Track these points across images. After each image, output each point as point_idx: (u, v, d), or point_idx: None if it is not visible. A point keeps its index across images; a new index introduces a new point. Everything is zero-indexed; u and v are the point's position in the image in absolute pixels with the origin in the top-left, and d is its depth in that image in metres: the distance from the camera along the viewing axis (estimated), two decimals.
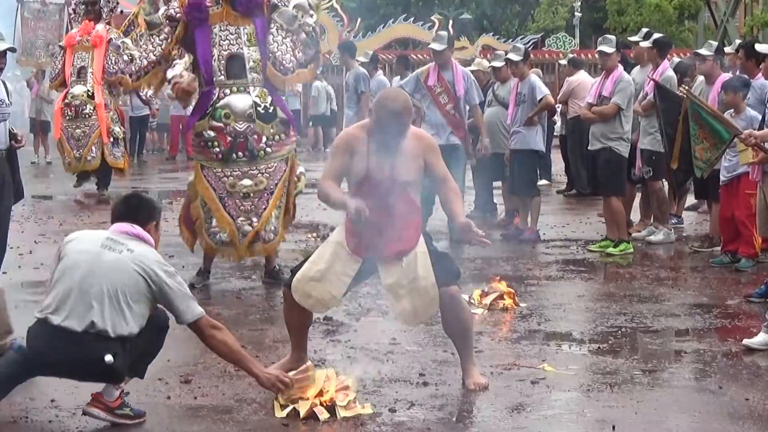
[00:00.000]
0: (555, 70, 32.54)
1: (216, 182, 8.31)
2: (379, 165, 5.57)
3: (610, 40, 10.42)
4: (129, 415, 5.13)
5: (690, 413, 5.30)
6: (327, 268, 5.60)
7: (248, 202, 8.30)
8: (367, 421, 5.13)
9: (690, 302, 7.96)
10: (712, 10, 40.38)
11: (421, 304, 5.57)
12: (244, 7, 8.32)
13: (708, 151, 9.64)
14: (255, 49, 8.36)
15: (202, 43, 8.34)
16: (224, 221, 8.30)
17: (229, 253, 8.51)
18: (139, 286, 5.02)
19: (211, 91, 8.33)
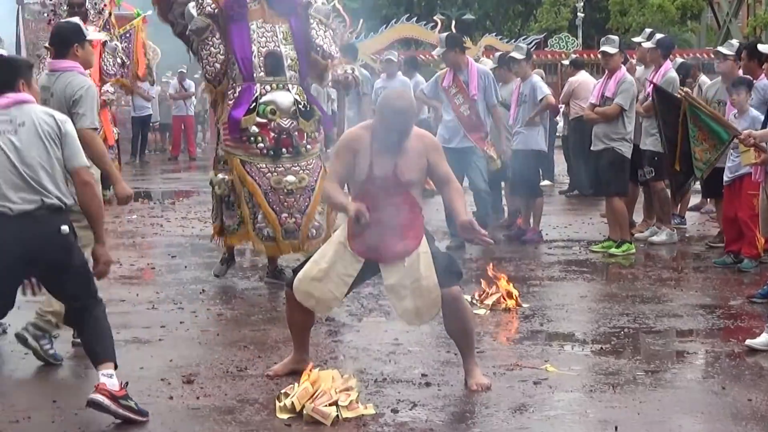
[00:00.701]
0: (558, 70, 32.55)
1: (260, 178, 8.37)
2: (382, 164, 5.56)
3: (613, 41, 10.41)
4: (133, 408, 5.13)
5: (693, 414, 5.30)
6: (329, 267, 5.60)
7: (291, 198, 8.38)
8: (370, 422, 5.13)
9: (693, 303, 7.96)
10: (715, 10, 40.38)
11: (423, 304, 5.56)
12: (280, 5, 8.52)
13: (708, 152, 9.65)
14: (291, 47, 8.52)
15: (240, 38, 8.45)
16: (270, 216, 8.37)
17: (272, 249, 8.54)
18: (53, 148, 5.20)
19: (251, 87, 8.40)
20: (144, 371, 6.02)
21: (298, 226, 8.40)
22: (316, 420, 5.07)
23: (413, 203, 5.66)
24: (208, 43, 8.48)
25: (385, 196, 5.55)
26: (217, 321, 7.38)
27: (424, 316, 5.67)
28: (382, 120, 5.58)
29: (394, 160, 5.56)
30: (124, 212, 13.50)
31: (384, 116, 5.57)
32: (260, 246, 8.52)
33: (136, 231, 11.77)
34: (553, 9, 44.84)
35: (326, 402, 5.15)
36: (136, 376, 5.91)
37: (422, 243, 5.62)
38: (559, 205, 14.42)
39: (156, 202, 15.26)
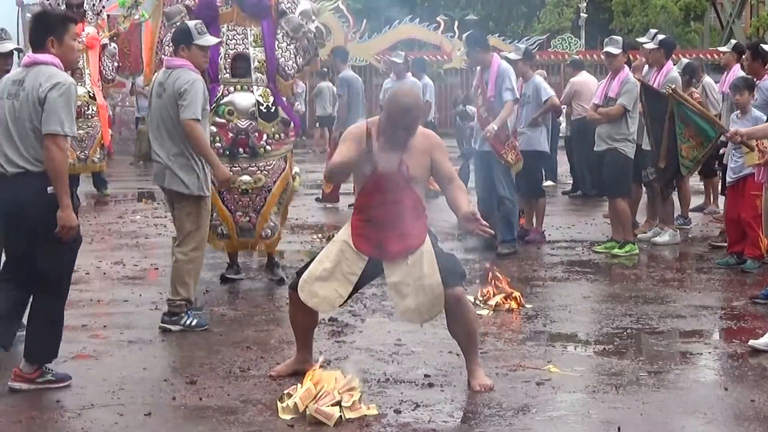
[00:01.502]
0: (561, 71, 32.53)
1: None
2: (388, 160, 5.57)
3: (617, 41, 10.41)
4: (51, 380, 5.57)
5: (695, 415, 5.29)
6: (333, 267, 5.61)
7: (246, 198, 8.53)
8: (372, 422, 5.13)
9: (696, 303, 7.95)
10: (718, 11, 40.36)
11: (426, 303, 5.55)
12: (252, 8, 8.61)
13: (694, 150, 9.66)
14: (260, 50, 8.63)
15: None
16: (223, 214, 8.54)
17: (226, 246, 8.74)
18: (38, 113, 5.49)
19: (215, 88, 8.51)
20: (147, 372, 6.02)
21: (252, 225, 8.59)
22: (318, 420, 5.07)
23: (417, 201, 5.67)
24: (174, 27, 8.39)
25: (390, 193, 5.56)
26: (220, 321, 7.38)
27: (425, 315, 5.64)
28: (389, 116, 5.59)
29: (400, 157, 5.58)
30: (127, 213, 13.52)
31: (390, 113, 5.59)
32: (215, 243, 8.66)
33: (139, 231, 11.77)
34: (556, 10, 44.80)
35: (329, 402, 5.15)
36: (139, 376, 5.93)
37: (426, 241, 5.63)
38: (562, 206, 14.41)
39: (159, 203, 15.24)
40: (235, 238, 8.63)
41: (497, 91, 10.20)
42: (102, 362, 6.22)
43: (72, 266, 5.83)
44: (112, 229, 12.00)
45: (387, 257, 5.61)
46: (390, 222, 5.57)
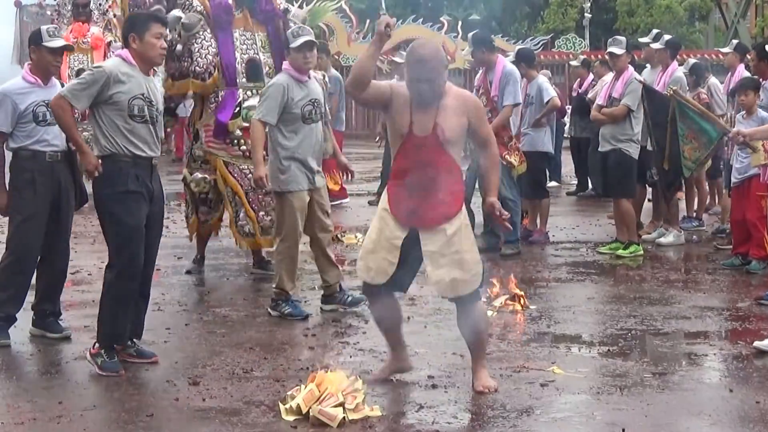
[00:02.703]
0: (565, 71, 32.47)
1: (242, 179, 8.79)
2: (422, 123, 5.45)
3: (620, 42, 10.38)
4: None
5: (700, 416, 5.27)
6: (377, 237, 5.57)
7: (269, 198, 8.65)
8: (376, 424, 5.11)
9: (700, 304, 7.93)
10: (723, 11, 40.30)
11: (462, 278, 5.48)
12: (262, 15, 8.97)
13: (697, 151, 9.63)
14: (269, 55, 8.96)
15: (225, 45, 8.83)
16: (251, 214, 8.81)
17: (250, 244, 9.03)
18: None
19: (234, 93, 8.80)
20: (149, 373, 6.02)
21: (273, 223, 8.65)
22: (322, 422, 5.05)
23: (454, 165, 5.54)
24: (199, 36, 8.77)
25: (425, 156, 5.44)
26: (223, 322, 7.37)
27: (460, 291, 5.54)
28: (409, 71, 5.48)
29: (434, 119, 5.45)
30: None
31: (410, 66, 5.48)
32: (242, 242, 9.01)
33: None
34: (560, 10, 44.78)
35: (332, 404, 5.13)
36: (142, 377, 5.92)
37: (463, 212, 5.55)
38: (566, 207, 14.38)
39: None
40: (258, 237, 8.88)
41: (500, 92, 10.16)
42: None
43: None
44: None
45: (423, 224, 5.50)
46: (425, 187, 5.45)
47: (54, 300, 6.87)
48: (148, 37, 6.02)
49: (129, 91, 5.98)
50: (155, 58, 6.13)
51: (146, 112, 6.05)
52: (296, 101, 7.38)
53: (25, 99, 6.61)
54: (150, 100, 6.08)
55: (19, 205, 6.66)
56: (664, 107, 9.70)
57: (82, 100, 5.96)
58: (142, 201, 6.05)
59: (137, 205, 6.03)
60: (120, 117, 5.97)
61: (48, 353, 6.51)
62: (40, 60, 6.67)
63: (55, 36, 6.75)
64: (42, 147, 6.59)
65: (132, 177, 6.00)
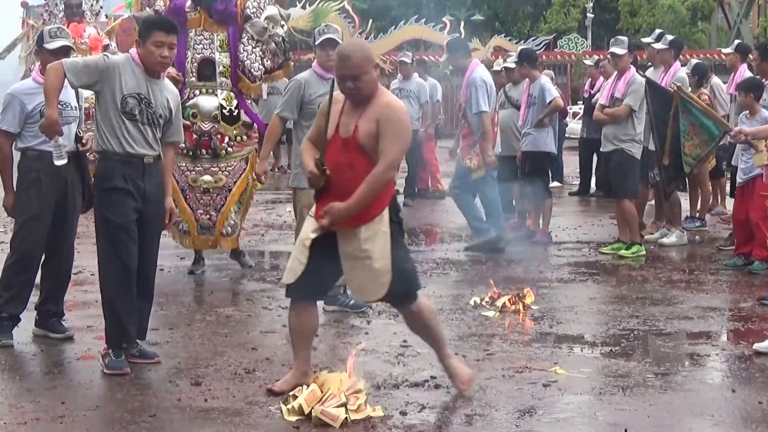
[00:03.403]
0: (567, 71, 32.49)
1: (180, 176, 8.99)
2: (346, 125, 5.39)
3: (622, 42, 10.38)
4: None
5: (703, 417, 5.27)
6: (302, 235, 5.47)
7: (207, 197, 9.06)
8: (378, 424, 5.11)
9: (703, 305, 7.92)
10: (726, 11, 40.32)
11: (370, 285, 5.38)
12: (219, 15, 9.03)
13: (698, 148, 9.63)
14: (226, 55, 9.08)
15: (178, 45, 8.76)
16: (185, 212, 9.03)
17: (187, 242, 9.27)
18: None
19: (182, 91, 8.86)
20: (152, 373, 6.01)
21: (213, 222, 9.10)
22: (324, 422, 5.05)
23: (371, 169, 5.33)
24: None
25: (346, 159, 5.35)
26: (226, 322, 7.37)
27: (370, 296, 5.56)
28: (335, 69, 5.48)
29: (356, 122, 5.37)
30: None
31: (335, 65, 5.48)
32: (179, 239, 9.25)
33: None
34: (563, 10, 44.80)
35: (335, 404, 5.13)
36: (145, 377, 5.92)
37: (384, 221, 5.36)
38: (568, 207, 14.38)
39: None
40: (195, 235, 9.11)
41: (467, 100, 10.30)
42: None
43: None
44: None
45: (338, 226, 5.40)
46: (341, 188, 5.31)
47: (57, 300, 6.88)
48: (149, 45, 6.03)
49: (125, 86, 5.98)
50: (154, 65, 6.07)
51: (138, 111, 6.01)
52: (314, 97, 7.42)
53: (33, 99, 6.62)
54: (148, 101, 6.05)
55: (24, 204, 6.66)
56: (667, 102, 9.70)
57: (78, 76, 5.97)
58: (130, 199, 6.01)
59: (123, 202, 6.00)
60: (114, 112, 5.98)
61: (51, 353, 6.51)
62: (44, 61, 6.65)
63: (56, 37, 6.76)
64: (49, 147, 6.60)
65: (119, 175, 5.98)
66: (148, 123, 6.07)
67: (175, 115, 6.29)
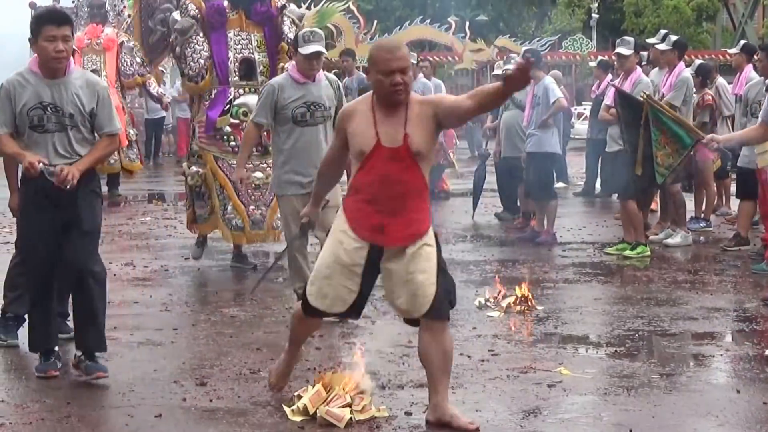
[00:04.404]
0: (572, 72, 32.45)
1: (231, 173, 9.13)
2: (390, 134, 4.99)
3: (628, 42, 10.38)
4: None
5: (707, 417, 5.26)
6: (334, 261, 5.09)
7: (258, 192, 9.31)
8: (383, 424, 5.11)
9: (708, 305, 7.92)
10: (731, 11, 40.29)
11: (416, 300, 5.05)
12: (258, 17, 9.35)
13: (670, 157, 9.57)
14: (264, 55, 9.37)
15: (218, 45, 9.29)
16: (239, 208, 9.28)
17: (239, 237, 9.44)
18: None
19: (226, 90, 9.32)
20: (157, 373, 6.02)
21: (263, 217, 9.34)
22: (329, 422, 5.06)
23: (422, 181, 5.08)
24: (192, 41, 9.28)
25: (397, 169, 4.99)
26: (231, 323, 7.38)
27: (415, 312, 5.11)
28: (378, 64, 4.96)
29: (404, 130, 4.98)
30: (137, 214, 13.54)
31: (379, 60, 4.96)
32: (228, 234, 9.43)
33: (149, 233, 11.78)
34: (568, 10, 44.80)
35: (340, 404, 5.13)
36: (149, 378, 5.92)
37: (430, 234, 5.12)
38: (573, 207, 14.37)
39: (169, 204, 15.29)
40: (248, 230, 9.31)
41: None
42: (112, 363, 6.20)
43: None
44: (122, 230, 12.02)
45: (389, 242, 5.07)
46: (394, 203, 5.01)
47: (62, 301, 6.87)
48: (41, 42, 5.69)
49: (27, 103, 5.72)
50: (49, 62, 5.70)
51: (46, 120, 5.74)
52: (287, 102, 7.44)
53: None
54: (54, 105, 5.74)
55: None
56: (638, 112, 9.64)
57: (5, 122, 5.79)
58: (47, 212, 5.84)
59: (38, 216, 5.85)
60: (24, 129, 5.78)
61: None
62: None
63: None
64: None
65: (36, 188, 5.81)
66: (58, 130, 5.76)
67: (99, 106, 5.86)
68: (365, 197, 5.07)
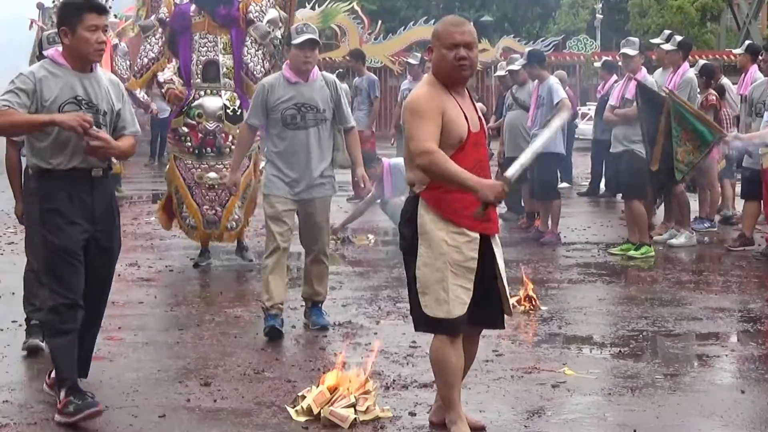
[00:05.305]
0: (576, 72, 32.41)
1: (186, 173, 9.51)
2: (473, 118, 4.76)
3: (633, 43, 10.37)
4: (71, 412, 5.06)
5: (712, 417, 5.26)
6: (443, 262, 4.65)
7: (213, 193, 9.48)
8: (387, 425, 5.11)
9: (712, 306, 7.91)
10: (735, 11, 40.21)
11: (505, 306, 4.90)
12: (222, 19, 9.42)
13: (690, 154, 9.54)
14: (229, 57, 9.47)
15: (183, 48, 9.50)
16: (192, 208, 9.50)
17: (195, 236, 9.69)
18: None
19: (187, 92, 9.47)
20: (161, 373, 6.02)
21: (218, 217, 9.50)
22: (333, 423, 5.06)
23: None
24: (147, 40, 9.63)
25: (483, 155, 4.80)
26: (235, 323, 7.38)
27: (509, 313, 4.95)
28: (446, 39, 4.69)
29: (476, 113, 4.82)
30: (142, 214, 13.55)
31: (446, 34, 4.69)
32: (188, 233, 9.71)
33: (154, 233, 11.79)
34: (572, 11, 44.75)
35: (344, 405, 5.13)
36: (154, 378, 5.93)
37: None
38: (577, 208, 14.37)
39: None
40: (202, 229, 9.53)
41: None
42: (116, 364, 6.22)
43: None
44: (126, 230, 12.02)
45: (494, 229, 4.80)
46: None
47: None
48: (81, 31, 5.14)
49: (59, 96, 5.14)
50: (90, 55, 5.22)
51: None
52: (277, 103, 6.94)
53: None
54: (89, 102, 5.22)
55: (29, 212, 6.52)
56: (659, 107, 9.62)
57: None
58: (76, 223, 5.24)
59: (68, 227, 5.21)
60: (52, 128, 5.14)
61: None
62: None
63: (55, 42, 6.24)
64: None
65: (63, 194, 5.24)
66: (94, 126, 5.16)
67: (124, 106, 5.42)
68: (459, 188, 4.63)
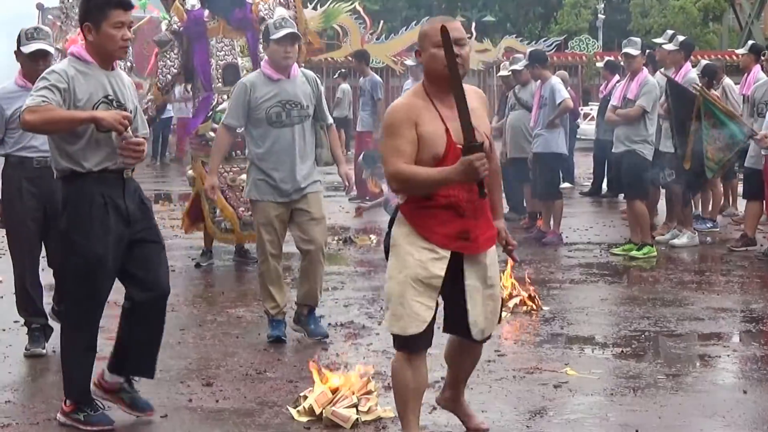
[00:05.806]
0: (578, 72, 32.40)
1: (218, 178, 9.09)
2: (457, 130, 4.36)
3: (635, 43, 10.37)
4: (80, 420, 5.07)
5: (714, 418, 5.26)
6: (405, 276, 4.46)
7: None
8: (389, 425, 5.11)
9: (714, 306, 7.90)
10: (737, 11, 40.19)
11: (494, 317, 4.67)
12: (237, 23, 9.53)
13: (721, 152, 9.50)
14: (247, 59, 9.53)
15: (200, 53, 9.53)
16: (227, 211, 9.50)
17: (231, 239, 9.75)
18: None
19: (210, 97, 9.53)
20: (163, 374, 6.01)
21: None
22: (335, 423, 5.06)
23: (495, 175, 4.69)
24: (165, 56, 9.70)
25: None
26: (237, 323, 7.39)
27: (491, 329, 4.72)
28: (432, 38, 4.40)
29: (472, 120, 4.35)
30: None
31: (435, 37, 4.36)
32: (220, 236, 9.72)
33: None
34: (574, 11, 44.75)
35: (346, 405, 5.14)
36: (156, 378, 5.91)
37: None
38: (579, 208, 14.36)
39: (176, 205, 15.30)
40: (238, 231, 9.55)
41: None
42: None
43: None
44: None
45: (474, 249, 4.52)
46: (474, 206, 4.46)
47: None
48: (107, 28, 4.93)
49: (93, 95, 4.96)
50: (115, 52, 5.02)
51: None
52: (260, 102, 6.72)
53: (13, 104, 6.15)
54: (118, 100, 5.05)
55: (8, 213, 6.45)
56: (689, 103, 9.56)
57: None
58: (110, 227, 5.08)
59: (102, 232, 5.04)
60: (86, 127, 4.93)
61: None
62: (23, 65, 6.30)
63: (33, 39, 6.25)
64: (30, 153, 6.28)
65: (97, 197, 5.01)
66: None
67: (138, 106, 5.27)
68: (439, 203, 4.43)
